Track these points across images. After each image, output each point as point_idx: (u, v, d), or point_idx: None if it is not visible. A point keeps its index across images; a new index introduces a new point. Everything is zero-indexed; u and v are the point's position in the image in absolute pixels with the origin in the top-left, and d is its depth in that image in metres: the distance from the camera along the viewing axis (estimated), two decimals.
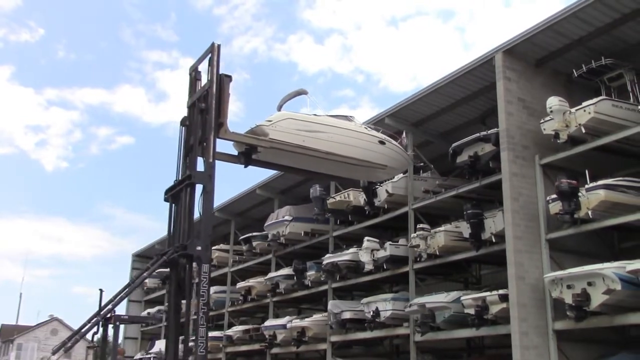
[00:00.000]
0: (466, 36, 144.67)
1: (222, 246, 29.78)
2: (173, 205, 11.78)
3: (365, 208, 19.94)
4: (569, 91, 15.55)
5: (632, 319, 12.43)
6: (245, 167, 13.53)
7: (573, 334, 13.69)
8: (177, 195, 11.54)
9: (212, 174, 11.27)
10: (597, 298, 12.34)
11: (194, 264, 11.02)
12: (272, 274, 24.46)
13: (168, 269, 11.66)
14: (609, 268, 12.22)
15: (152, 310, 36.63)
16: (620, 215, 13.04)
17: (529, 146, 15.06)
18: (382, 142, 15.41)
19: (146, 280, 36.38)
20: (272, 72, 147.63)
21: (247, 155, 12.78)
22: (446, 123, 19.21)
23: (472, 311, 15.06)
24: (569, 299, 12.78)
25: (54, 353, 12.37)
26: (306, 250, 23.72)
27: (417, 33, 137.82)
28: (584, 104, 13.74)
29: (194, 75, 12.39)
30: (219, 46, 11.94)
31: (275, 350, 23.86)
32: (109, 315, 11.88)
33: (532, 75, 15.76)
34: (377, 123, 17.67)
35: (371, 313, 18.60)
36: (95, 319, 11.41)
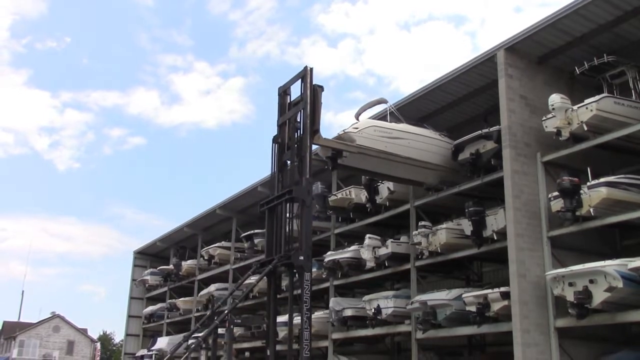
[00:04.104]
0: (477, 41, 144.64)
1: (223, 243, 29.79)
2: (268, 217, 12.52)
3: (367, 205, 19.93)
4: (571, 88, 15.54)
5: (634, 316, 12.41)
6: (332, 170, 14.17)
7: (574, 332, 13.70)
8: (274, 208, 12.32)
9: (310, 189, 11.89)
10: (599, 296, 12.34)
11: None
12: None
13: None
14: (611, 266, 12.20)
15: (153, 307, 36.60)
16: (622, 213, 13.01)
17: (530, 144, 15.03)
18: None
19: (148, 278, 36.69)
20: (284, 75, 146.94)
21: (334, 159, 13.58)
22: (448, 120, 19.16)
23: (473, 309, 15.07)
24: (570, 297, 12.78)
25: (171, 354, 13.28)
26: None
27: (429, 37, 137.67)
28: (586, 101, 13.70)
29: (284, 95, 13.00)
30: (311, 69, 12.56)
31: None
32: (224, 319, 12.82)
33: (534, 73, 15.73)
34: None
35: (373, 310, 18.61)
36: (214, 322, 12.35)
